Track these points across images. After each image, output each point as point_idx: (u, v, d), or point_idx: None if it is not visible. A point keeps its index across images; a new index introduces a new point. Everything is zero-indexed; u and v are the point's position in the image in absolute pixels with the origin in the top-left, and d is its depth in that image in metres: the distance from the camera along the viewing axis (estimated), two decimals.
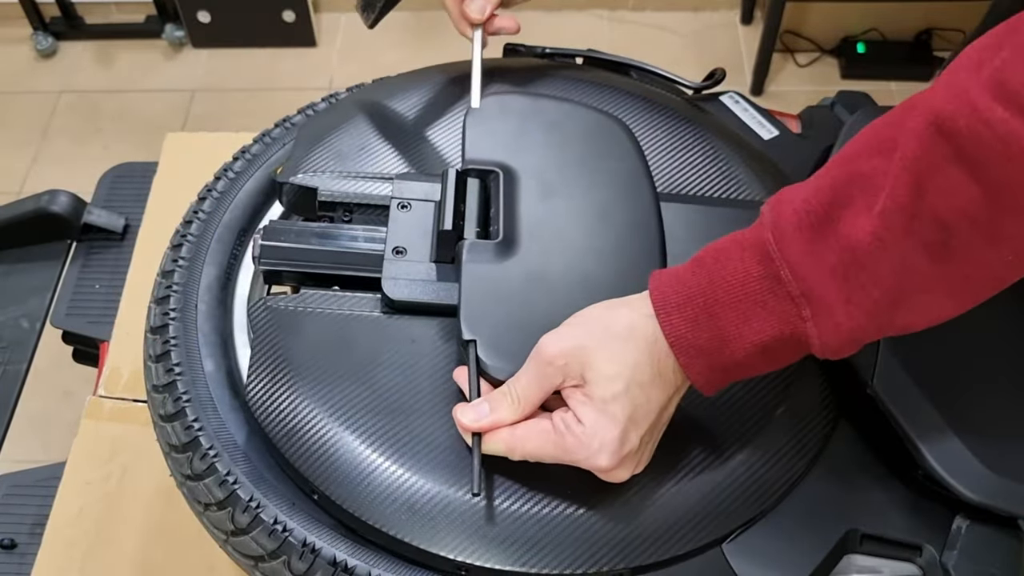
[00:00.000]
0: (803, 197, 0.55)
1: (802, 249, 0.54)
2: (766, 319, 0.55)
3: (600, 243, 0.69)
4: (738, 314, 0.55)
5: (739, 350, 0.56)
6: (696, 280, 0.57)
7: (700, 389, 0.59)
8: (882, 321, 0.54)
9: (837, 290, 0.53)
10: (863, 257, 0.52)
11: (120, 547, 0.95)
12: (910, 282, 0.53)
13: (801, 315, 0.54)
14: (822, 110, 0.90)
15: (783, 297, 0.55)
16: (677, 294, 0.57)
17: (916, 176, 0.50)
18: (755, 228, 0.57)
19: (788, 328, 0.55)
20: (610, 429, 0.57)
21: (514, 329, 0.63)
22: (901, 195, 0.51)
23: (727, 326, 0.56)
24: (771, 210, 0.56)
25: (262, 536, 0.64)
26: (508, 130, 0.74)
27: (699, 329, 0.56)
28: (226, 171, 0.84)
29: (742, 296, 0.55)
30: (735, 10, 2.47)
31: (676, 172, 0.80)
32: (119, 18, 2.48)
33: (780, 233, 0.55)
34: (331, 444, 0.64)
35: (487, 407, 0.60)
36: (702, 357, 0.57)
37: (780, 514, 0.65)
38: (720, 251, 0.57)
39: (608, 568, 0.61)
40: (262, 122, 0.91)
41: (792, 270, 0.54)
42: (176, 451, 0.69)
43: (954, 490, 0.65)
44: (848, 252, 0.52)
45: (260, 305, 0.70)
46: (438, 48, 2.42)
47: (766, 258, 0.55)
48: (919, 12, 2.32)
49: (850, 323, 0.54)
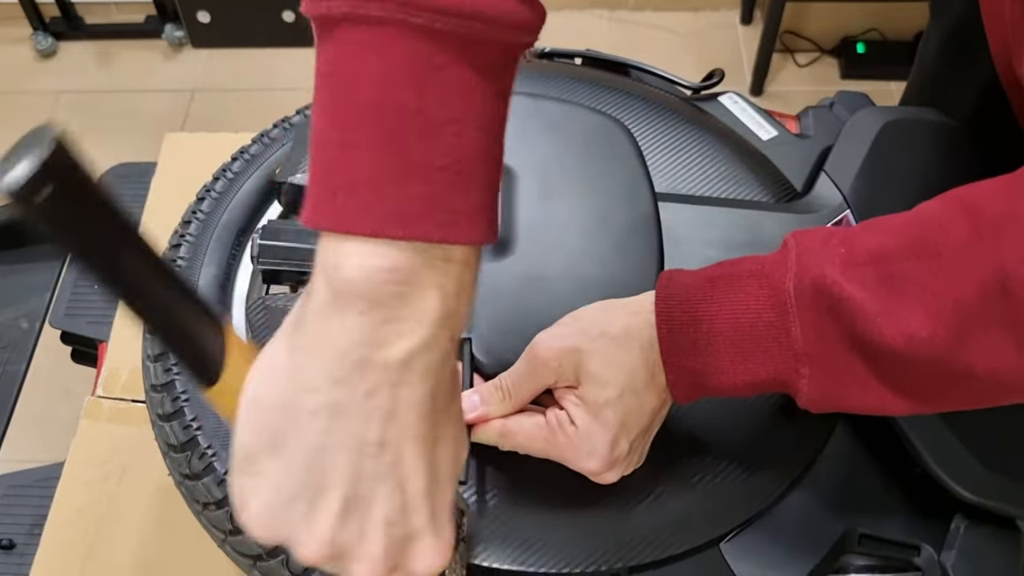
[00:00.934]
0: (833, 274, 0.52)
1: (819, 316, 0.52)
2: (764, 363, 0.55)
3: (597, 245, 0.69)
4: (738, 351, 0.55)
5: (727, 382, 0.56)
6: (705, 304, 0.56)
7: (676, 400, 0.58)
8: (873, 402, 0.54)
9: (842, 363, 0.53)
10: (881, 356, 0.51)
11: (119, 547, 0.95)
12: (919, 387, 0.52)
13: (799, 371, 0.54)
14: (822, 110, 0.90)
15: (786, 349, 0.54)
16: (683, 313, 0.56)
17: (963, 325, 0.48)
18: (777, 266, 0.55)
19: (782, 376, 0.55)
20: (601, 434, 0.57)
21: (509, 328, 0.63)
22: (938, 334, 0.48)
23: (723, 358, 0.55)
24: (797, 259, 0.54)
25: None
26: (507, 130, 0.74)
27: (696, 354, 0.56)
28: (225, 171, 0.84)
29: (748, 336, 0.54)
30: (735, 10, 2.47)
31: (675, 172, 0.80)
32: (119, 18, 2.49)
33: (801, 291, 0.53)
34: None
35: (477, 399, 0.60)
36: (690, 378, 0.57)
37: (778, 514, 0.65)
38: (736, 279, 0.56)
39: (606, 567, 0.61)
40: (262, 122, 0.91)
41: (803, 331, 0.53)
42: (174, 450, 0.69)
43: (952, 490, 0.65)
44: (865, 342, 0.51)
45: (258, 304, 0.70)
46: None
47: (781, 307, 0.54)
48: (919, 12, 2.32)
49: (844, 392, 0.54)
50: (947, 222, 0.50)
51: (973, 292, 0.47)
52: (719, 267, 0.57)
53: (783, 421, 0.67)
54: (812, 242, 0.55)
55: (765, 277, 0.55)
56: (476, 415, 0.60)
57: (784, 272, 0.54)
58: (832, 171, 0.80)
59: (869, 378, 0.52)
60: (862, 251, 0.52)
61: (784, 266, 0.54)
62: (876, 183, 0.78)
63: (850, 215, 0.76)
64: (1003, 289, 0.46)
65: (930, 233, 0.50)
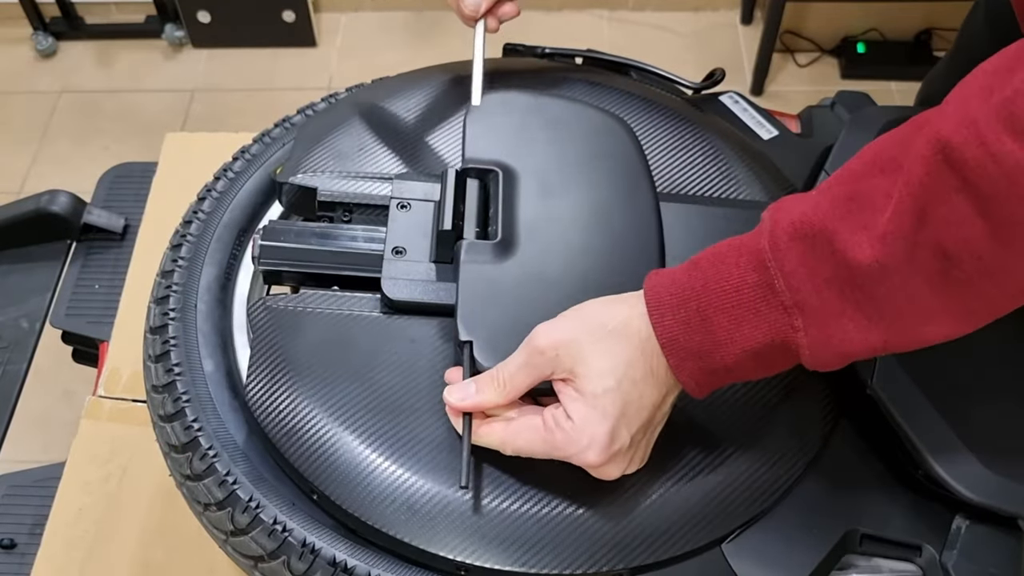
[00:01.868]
0: (802, 209, 0.54)
1: (798, 260, 0.53)
2: (758, 326, 0.55)
3: (599, 244, 0.69)
4: (731, 319, 0.55)
5: (730, 355, 0.56)
6: (691, 283, 0.57)
7: (689, 392, 0.58)
8: (873, 339, 0.54)
9: (830, 303, 0.53)
10: (860, 277, 0.52)
11: (120, 547, 0.95)
12: (907, 307, 0.52)
13: (792, 324, 0.54)
14: (822, 110, 0.90)
15: (776, 306, 0.54)
16: (672, 296, 0.57)
17: (920, 204, 0.49)
18: (753, 235, 0.57)
19: (779, 336, 0.55)
20: (600, 424, 0.57)
21: (511, 330, 0.63)
22: (904, 222, 0.50)
23: (719, 330, 0.56)
24: (770, 218, 0.56)
25: (262, 536, 0.64)
26: (509, 128, 0.74)
27: (691, 331, 0.56)
28: (226, 171, 0.84)
29: (736, 302, 0.55)
30: (735, 10, 2.47)
31: (676, 172, 0.80)
32: (119, 18, 2.48)
33: (776, 242, 0.54)
34: (330, 444, 0.64)
35: (473, 387, 0.60)
36: (692, 359, 0.57)
37: (780, 514, 0.65)
38: (717, 255, 0.57)
39: (608, 568, 0.61)
40: (262, 122, 0.91)
41: (786, 280, 0.54)
42: (176, 451, 0.69)
43: (954, 490, 0.64)
44: (845, 269, 0.52)
45: (259, 305, 0.70)
46: (438, 48, 2.43)
47: (761, 266, 0.55)
48: (919, 12, 2.32)
49: (841, 336, 0.54)
50: (901, 135, 0.53)
51: (921, 170, 0.49)
52: (701, 252, 0.59)
53: (785, 421, 0.67)
54: (783, 201, 0.57)
55: (743, 245, 0.56)
56: (471, 403, 0.60)
57: (759, 235, 0.56)
58: (833, 170, 0.80)
59: (861, 313, 0.53)
60: (830, 181, 0.55)
61: (759, 231, 0.56)
62: None
63: None
64: (945, 159, 0.48)
65: (887, 148, 0.53)
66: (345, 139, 0.80)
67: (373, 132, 0.81)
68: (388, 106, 0.83)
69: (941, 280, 0.51)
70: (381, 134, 0.81)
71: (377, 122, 0.82)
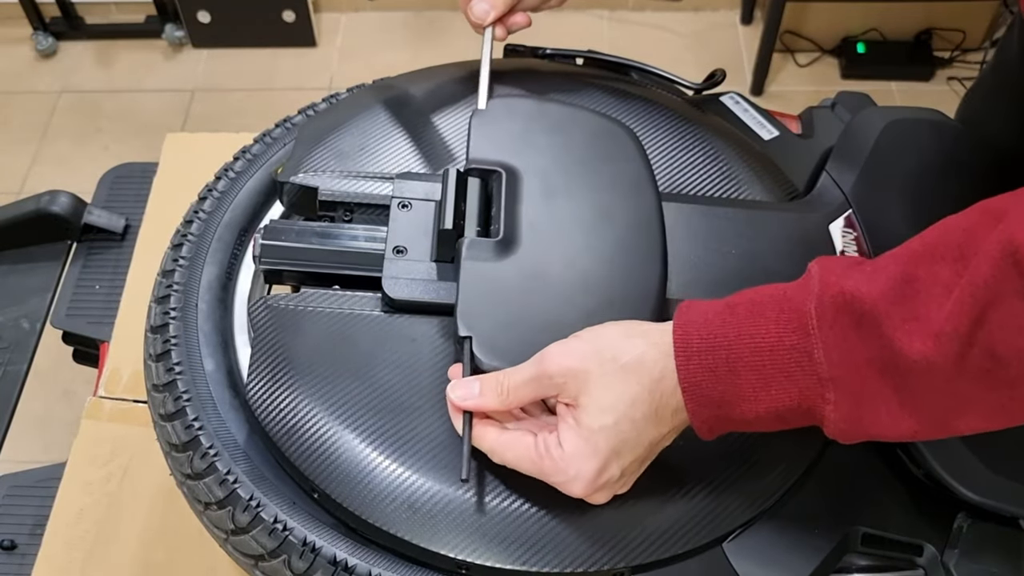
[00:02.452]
0: (855, 282, 0.52)
1: (842, 335, 0.51)
2: (788, 389, 0.53)
3: (601, 244, 0.69)
4: (760, 377, 0.53)
5: (751, 411, 0.54)
6: (724, 330, 0.54)
7: (698, 433, 0.57)
8: (903, 427, 0.52)
9: (869, 385, 0.51)
10: (904, 368, 0.50)
11: (120, 547, 0.95)
12: (945, 401, 0.51)
13: (824, 396, 0.52)
14: (823, 111, 0.90)
15: (810, 374, 0.52)
16: (701, 339, 0.55)
17: (982, 305, 0.47)
18: (798, 291, 0.54)
19: (807, 403, 0.53)
20: (589, 460, 0.57)
21: (511, 327, 0.63)
22: (962, 323, 0.48)
23: (745, 386, 0.54)
24: (819, 279, 0.53)
25: (262, 535, 0.64)
26: (513, 132, 0.74)
27: (716, 381, 0.54)
28: (227, 171, 0.84)
29: (769, 361, 0.53)
30: (735, 10, 2.47)
31: (678, 172, 0.80)
32: (119, 18, 2.49)
33: (823, 310, 0.52)
34: (331, 443, 0.64)
35: (477, 388, 0.60)
36: (712, 407, 0.55)
37: (781, 513, 0.65)
38: (756, 305, 0.55)
39: (609, 567, 0.61)
40: (262, 122, 0.91)
41: (827, 352, 0.52)
42: (176, 450, 0.69)
43: (955, 490, 0.65)
44: (890, 356, 0.50)
45: (260, 304, 0.70)
46: (438, 48, 2.43)
47: (803, 330, 0.52)
48: (919, 12, 2.32)
49: (872, 418, 0.52)
50: (969, 224, 0.50)
51: (987, 271, 0.47)
52: (740, 295, 0.56)
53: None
54: (836, 264, 0.54)
55: (787, 300, 0.54)
56: (472, 404, 0.60)
57: (806, 295, 0.53)
58: (834, 171, 0.80)
59: (896, 399, 0.51)
60: (888, 258, 0.52)
61: (806, 289, 0.53)
62: (878, 183, 0.78)
63: (852, 214, 0.76)
64: (1015, 262, 0.46)
65: (952, 235, 0.50)
66: (346, 139, 0.80)
67: (374, 132, 0.81)
68: (389, 106, 0.83)
69: (985, 379, 0.49)
70: (382, 134, 0.81)
71: (378, 122, 0.82)
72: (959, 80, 2.32)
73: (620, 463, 0.57)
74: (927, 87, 2.34)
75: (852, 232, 0.75)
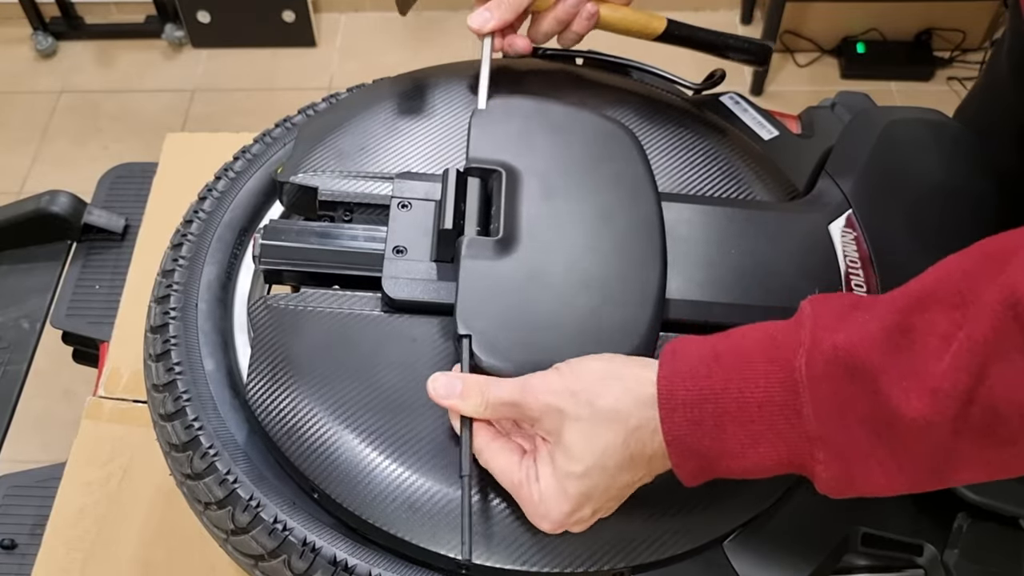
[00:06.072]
0: (847, 335, 0.49)
1: (833, 391, 0.49)
2: (776, 446, 0.51)
3: (601, 244, 0.69)
4: (748, 434, 0.52)
5: (737, 465, 0.53)
6: (710, 382, 0.52)
7: (684, 483, 0.56)
8: (898, 484, 0.50)
9: (860, 444, 0.49)
10: (901, 428, 0.48)
11: (120, 547, 0.95)
12: (942, 457, 0.48)
13: (813, 455, 0.51)
14: (823, 111, 0.90)
15: (800, 432, 0.50)
16: (687, 391, 0.53)
17: (981, 360, 0.45)
18: (788, 337, 0.52)
19: (797, 460, 0.51)
20: (558, 502, 0.56)
21: (510, 326, 0.63)
22: (960, 379, 0.45)
23: (731, 441, 0.52)
24: (811, 332, 0.51)
25: (262, 535, 0.64)
26: (513, 132, 0.74)
27: (701, 435, 0.53)
28: (227, 171, 0.84)
29: (756, 418, 0.51)
30: (735, 10, 2.47)
31: (677, 172, 0.80)
32: (119, 18, 2.49)
33: (813, 365, 0.50)
34: (331, 443, 0.64)
35: (459, 388, 0.59)
36: (696, 459, 0.54)
37: (781, 513, 0.65)
38: (743, 355, 0.52)
39: (609, 567, 0.61)
40: (262, 122, 0.91)
41: (816, 410, 0.50)
42: (176, 450, 0.69)
43: (955, 490, 0.64)
44: (884, 414, 0.48)
45: (260, 304, 0.70)
46: (438, 48, 2.43)
47: (790, 386, 0.50)
48: (919, 12, 2.32)
49: (865, 477, 0.50)
50: (970, 266, 0.48)
51: (988, 324, 0.45)
52: (727, 338, 0.54)
53: None
54: (828, 311, 0.52)
55: (776, 350, 0.52)
56: (450, 403, 0.59)
57: (796, 347, 0.51)
58: (834, 171, 0.80)
59: (891, 459, 0.49)
60: (886, 303, 0.50)
61: (796, 340, 0.51)
62: (878, 183, 0.78)
63: (852, 214, 0.76)
64: (1016, 316, 0.44)
65: (952, 278, 0.48)
66: (346, 139, 0.80)
67: (374, 132, 0.81)
68: (389, 106, 0.83)
69: (983, 435, 0.47)
70: (382, 134, 0.81)
71: (378, 122, 0.82)
72: (959, 80, 2.32)
73: (592, 506, 0.57)
74: (927, 87, 2.34)
75: (852, 232, 0.75)
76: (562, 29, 0.83)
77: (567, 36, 0.84)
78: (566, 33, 0.84)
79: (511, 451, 0.59)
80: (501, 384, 0.59)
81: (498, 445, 0.60)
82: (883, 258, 0.74)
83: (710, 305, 0.70)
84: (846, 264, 0.73)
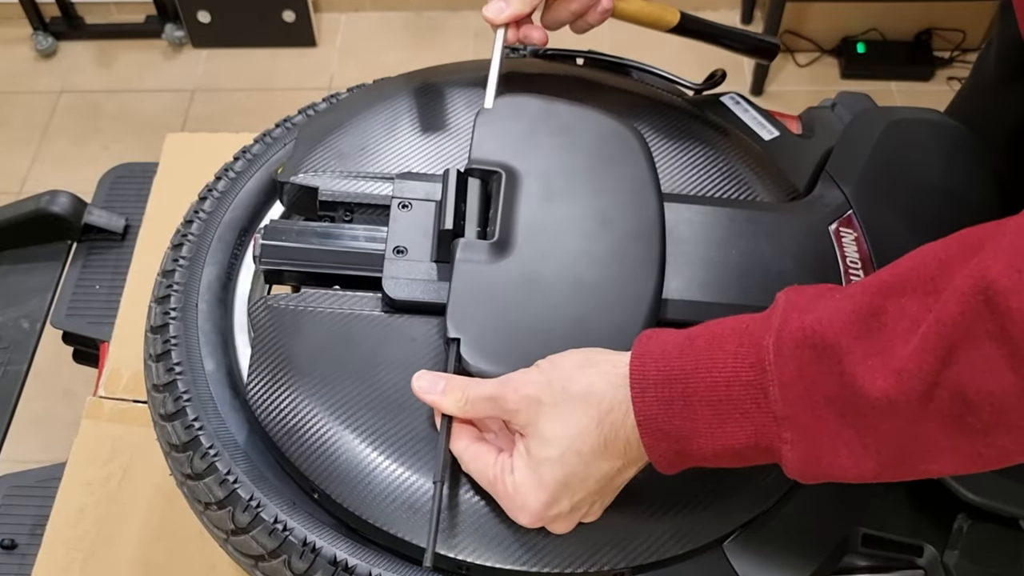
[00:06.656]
0: (817, 315, 0.49)
1: (799, 371, 0.49)
2: (744, 427, 0.51)
3: (597, 249, 0.68)
4: (715, 413, 0.52)
5: (708, 447, 0.53)
6: (681, 362, 0.53)
7: (659, 469, 0.56)
8: (865, 468, 0.50)
9: (826, 425, 0.49)
10: (865, 407, 0.47)
11: (121, 547, 0.95)
12: (911, 443, 0.48)
13: (780, 435, 0.50)
14: (823, 111, 0.90)
15: (766, 412, 0.50)
16: (658, 371, 0.53)
17: (949, 344, 0.45)
18: (760, 323, 0.52)
19: (764, 442, 0.51)
20: (534, 492, 0.56)
21: (501, 331, 0.63)
22: (926, 360, 0.45)
23: (700, 420, 0.52)
24: (782, 312, 0.51)
25: (262, 535, 0.64)
26: (517, 132, 0.74)
27: (671, 415, 0.53)
28: (227, 171, 0.84)
29: (724, 397, 0.51)
30: (735, 10, 2.47)
31: (677, 172, 0.80)
32: (119, 18, 2.49)
33: (781, 345, 0.50)
34: (331, 443, 0.64)
35: (441, 386, 0.60)
36: (668, 441, 0.53)
37: (782, 514, 0.65)
38: (716, 337, 0.53)
39: (609, 567, 0.61)
40: (262, 122, 0.91)
41: (782, 391, 0.50)
42: (176, 450, 0.69)
43: (955, 491, 0.65)
44: (850, 394, 0.48)
45: (261, 304, 0.70)
46: (438, 48, 2.42)
47: (759, 365, 0.50)
48: (919, 12, 2.32)
49: (831, 460, 0.50)
50: (946, 254, 0.48)
51: (957, 307, 0.45)
52: (703, 326, 0.54)
53: None
54: (801, 296, 0.52)
55: (747, 334, 0.52)
56: (430, 400, 0.60)
57: (766, 329, 0.51)
58: (834, 171, 0.80)
59: (858, 440, 0.49)
60: (859, 287, 0.50)
61: (767, 322, 0.51)
62: (878, 183, 0.78)
63: (852, 215, 0.76)
64: (987, 300, 0.44)
65: (927, 265, 0.48)
66: (346, 139, 0.80)
67: (374, 132, 0.81)
68: (389, 106, 0.83)
69: (954, 424, 0.46)
70: (382, 134, 0.81)
71: (378, 122, 0.82)
72: (959, 80, 2.32)
73: (570, 497, 0.57)
74: (927, 87, 2.34)
75: (852, 232, 0.75)
76: (576, 19, 0.83)
77: (580, 26, 0.84)
78: (579, 23, 0.83)
79: (488, 451, 0.59)
80: (482, 382, 0.60)
81: (475, 448, 0.60)
82: (883, 258, 0.74)
83: (710, 306, 0.70)
84: (846, 264, 0.73)
